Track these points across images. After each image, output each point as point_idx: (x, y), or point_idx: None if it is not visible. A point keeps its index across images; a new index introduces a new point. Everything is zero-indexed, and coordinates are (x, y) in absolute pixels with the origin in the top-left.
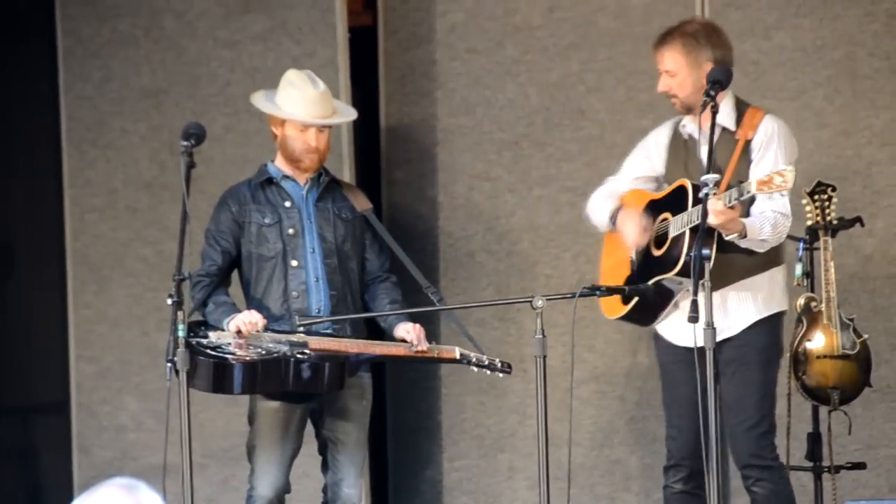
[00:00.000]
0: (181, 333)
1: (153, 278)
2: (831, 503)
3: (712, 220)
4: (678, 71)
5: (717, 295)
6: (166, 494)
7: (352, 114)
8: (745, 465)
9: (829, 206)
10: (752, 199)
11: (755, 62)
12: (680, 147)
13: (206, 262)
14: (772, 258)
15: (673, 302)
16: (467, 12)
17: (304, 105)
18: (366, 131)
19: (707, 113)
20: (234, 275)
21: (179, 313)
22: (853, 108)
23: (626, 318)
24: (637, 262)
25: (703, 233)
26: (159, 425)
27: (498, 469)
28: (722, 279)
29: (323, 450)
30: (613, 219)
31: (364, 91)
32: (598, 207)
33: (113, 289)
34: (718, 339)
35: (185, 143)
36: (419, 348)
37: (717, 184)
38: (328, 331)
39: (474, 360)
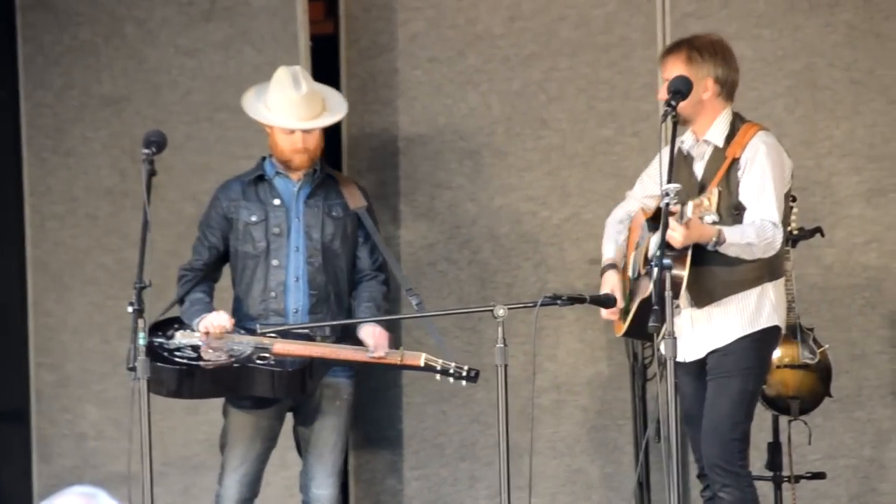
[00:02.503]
0: (142, 342)
1: (114, 286)
2: None
3: (672, 242)
4: (681, 75)
5: (702, 312)
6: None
7: (340, 110)
8: (711, 468)
9: (789, 217)
10: (739, 211)
11: None
12: (680, 162)
13: (192, 256)
14: (765, 272)
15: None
16: (429, 21)
17: (287, 108)
18: (327, 140)
19: (701, 126)
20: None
21: (140, 321)
22: (813, 118)
23: (628, 334)
24: (632, 281)
25: (663, 242)
26: (120, 434)
27: (459, 478)
28: (706, 296)
29: (300, 451)
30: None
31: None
32: (606, 238)
33: (73, 297)
34: (704, 352)
35: (146, 150)
36: (375, 354)
37: (678, 193)
38: (304, 331)
39: (439, 367)
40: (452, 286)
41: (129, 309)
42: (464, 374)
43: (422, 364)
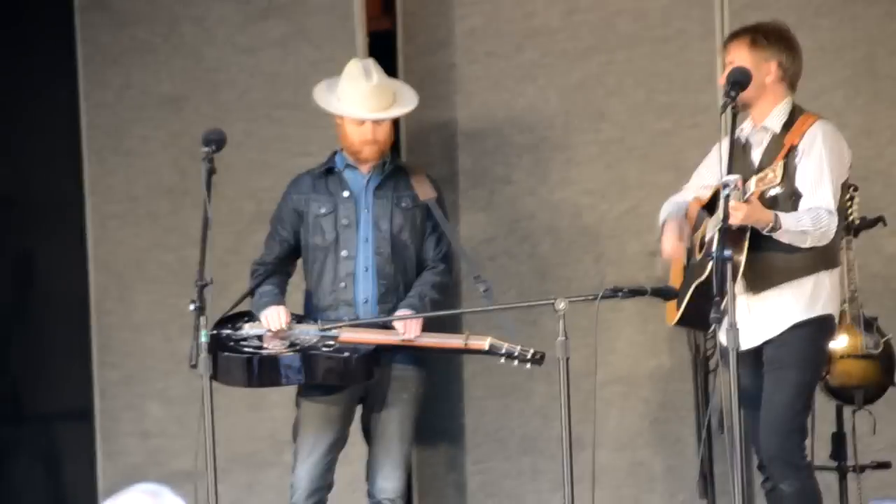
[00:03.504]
0: (203, 339)
1: (175, 284)
2: (856, 503)
3: (732, 219)
4: (741, 66)
5: (758, 297)
6: (196, 501)
7: (411, 102)
8: (771, 460)
9: (851, 207)
10: (796, 197)
11: None
12: (738, 150)
13: (264, 251)
14: (819, 260)
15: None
16: (486, 16)
17: (358, 99)
18: None
19: (760, 112)
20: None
21: (201, 319)
22: (873, 108)
23: (681, 323)
24: (687, 267)
25: (724, 234)
26: (183, 431)
27: (521, 471)
28: (763, 282)
29: (368, 440)
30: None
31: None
32: (660, 215)
33: (135, 295)
34: (760, 340)
35: (205, 149)
36: (406, 337)
37: (737, 185)
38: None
39: (504, 350)
40: (512, 280)
41: (191, 307)
42: (529, 356)
43: (487, 347)
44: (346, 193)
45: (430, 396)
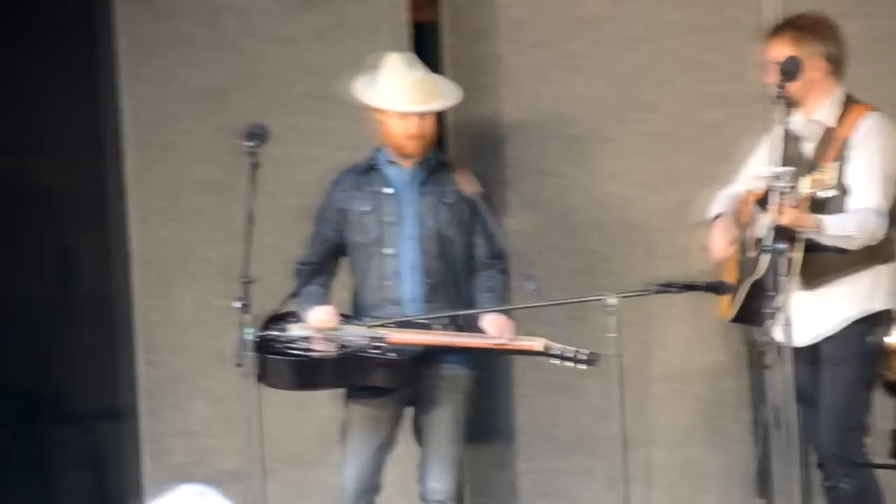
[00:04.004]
0: (248, 337)
1: (219, 281)
2: None
3: (778, 220)
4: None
5: (814, 293)
6: (244, 502)
7: (453, 96)
8: (830, 458)
9: None
10: (846, 191)
11: None
12: (790, 143)
13: (307, 250)
14: (876, 255)
15: None
16: (531, 5)
17: (401, 92)
18: None
19: (811, 107)
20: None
21: (246, 316)
22: None
23: (736, 319)
24: (741, 263)
25: (778, 229)
26: (229, 430)
27: (573, 471)
28: (819, 277)
29: (419, 441)
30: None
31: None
32: (710, 210)
33: (178, 292)
34: (817, 337)
35: (248, 143)
36: (498, 340)
37: (789, 176)
38: (421, 320)
39: (558, 352)
40: (561, 275)
41: (235, 304)
42: (583, 358)
43: (541, 349)
44: (389, 190)
45: (480, 395)
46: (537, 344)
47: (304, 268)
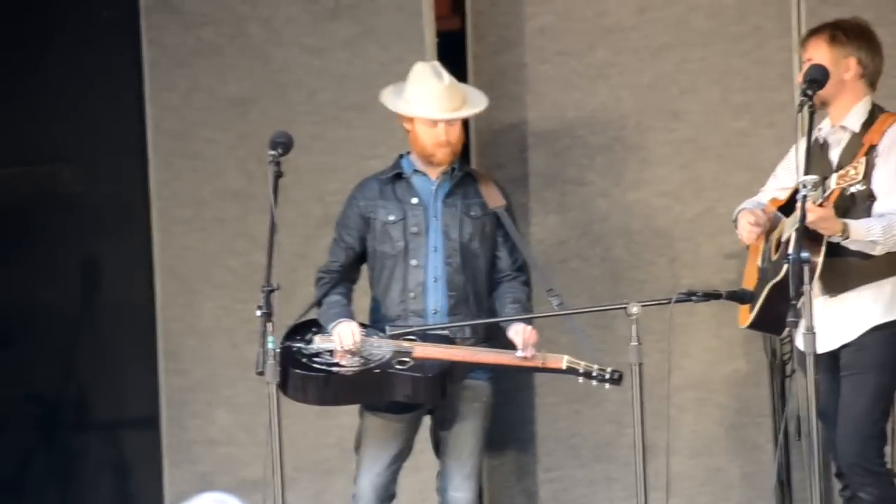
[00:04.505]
0: (270, 345)
1: (242, 290)
2: None
3: (806, 217)
4: (819, 63)
5: (836, 299)
6: None
7: (481, 103)
8: (849, 467)
9: None
10: (870, 200)
11: None
12: (816, 150)
13: (330, 258)
14: None
15: None
16: (557, 14)
17: (430, 100)
18: None
19: (839, 112)
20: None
21: (268, 325)
22: None
23: (753, 326)
24: (762, 269)
25: (801, 235)
26: (250, 439)
27: (594, 479)
28: (841, 283)
29: (436, 451)
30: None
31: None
32: (735, 211)
33: (201, 301)
34: (838, 344)
35: (272, 152)
36: (524, 354)
37: (815, 184)
38: (444, 332)
39: (582, 370)
40: (585, 283)
41: (258, 312)
42: (607, 376)
43: (564, 367)
44: (414, 200)
45: (501, 403)
46: (562, 362)
47: (325, 276)
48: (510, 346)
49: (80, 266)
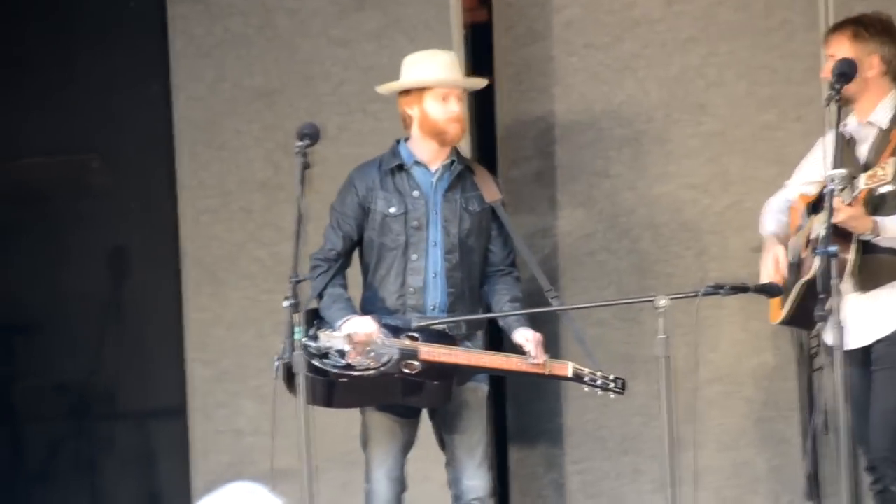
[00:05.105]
0: (297, 336)
1: (268, 280)
2: None
3: (834, 217)
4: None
5: (867, 296)
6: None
7: (482, 80)
8: (881, 461)
9: None
10: None
11: None
12: (843, 146)
13: (326, 245)
14: None
15: None
16: (584, 7)
17: (445, 70)
18: (483, 129)
19: (865, 108)
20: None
21: (296, 316)
22: None
23: (786, 322)
24: (792, 266)
25: (830, 231)
26: (277, 429)
27: (622, 472)
28: (873, 280)
29: (442, 445)
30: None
31: (480, 89)
32: (765, 221)
33: (228, 291)
34: (870, 340)
35: (299, 143)
36: (536, 361)
37: (843, 179)
38: (442, 328)
39: (587, 378)
40: (611, 276)
41: (285, 303)
42: (610, 385)
43: (569, 374)
44: (416, 193)
45: (529, 396)
46: (567, 369)
47: (322, 263)
48: (495, 343)
49: (108, 256)
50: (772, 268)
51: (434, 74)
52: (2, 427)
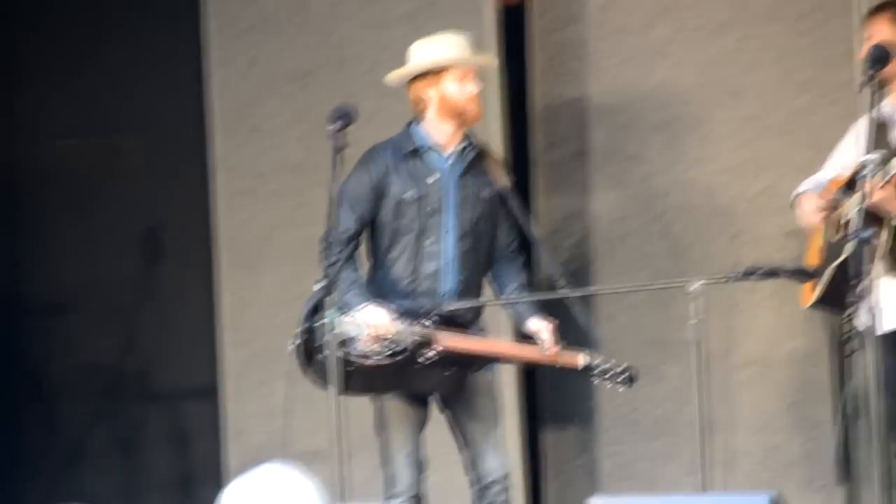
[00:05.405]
0: (328, 319)
1: (302, 262)
2: None
3: (868, 200)
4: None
5: None
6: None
7: (492, 57)
8: None
9: None
10: None
11: None
12: (878, 129)
13: (340, 227)
14: None
15: None
16: None
17: (462, 50)
18: (517, 112)
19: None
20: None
21: (328, 298)
22: None
23: (818, 304)
24: (824, 249)
25: (864, 214)
26: (311, 410)
27: (655, 455)
28: None
29: (454, 429)
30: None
31: (514, 71)
32: (796, 191)
33: (261, 273)
34: None
35: (334, 125)
36: (552, 351)
37: (877, 164)
38: (452, 313)
39: (597, 370)
40: (645, 260)
41: (316, 286)
42: (620, 378)
43: (580, 364)
44: (430, 179)
45: (561, 379)
46: (578, 359)
47: (335, 247)
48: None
49: (142, 237)
50: (809, 205)
51: (451, 54)
52: (37, 406)
